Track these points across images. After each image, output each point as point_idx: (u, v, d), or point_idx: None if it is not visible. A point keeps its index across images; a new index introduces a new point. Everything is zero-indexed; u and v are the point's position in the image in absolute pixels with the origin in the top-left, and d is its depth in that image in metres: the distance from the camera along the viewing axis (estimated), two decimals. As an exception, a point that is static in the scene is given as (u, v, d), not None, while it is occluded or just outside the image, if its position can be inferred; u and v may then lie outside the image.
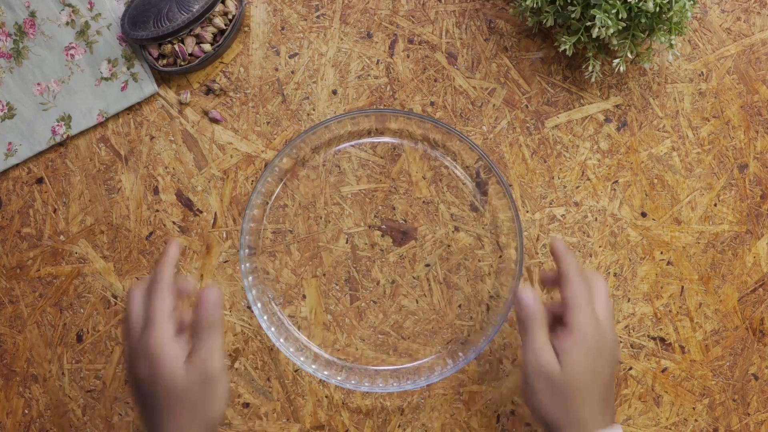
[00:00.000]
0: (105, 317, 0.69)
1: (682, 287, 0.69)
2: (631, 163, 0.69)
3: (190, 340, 0.53)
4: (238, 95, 0.69)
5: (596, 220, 0.69)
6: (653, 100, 0.69)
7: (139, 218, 0.69)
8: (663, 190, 0.69)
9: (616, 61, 0.63)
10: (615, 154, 0.69)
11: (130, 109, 0.69)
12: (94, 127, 0.69)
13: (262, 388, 0.68)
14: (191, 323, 0.53)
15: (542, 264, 0.68)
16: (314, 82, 0.69)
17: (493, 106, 0.69)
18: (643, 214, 0.69)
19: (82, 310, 0.69)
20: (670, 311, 0.69)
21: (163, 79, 0.69)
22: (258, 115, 0.69)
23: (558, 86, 0.69)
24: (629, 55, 0.63)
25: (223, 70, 0.69)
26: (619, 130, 0.69)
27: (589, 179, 0.69)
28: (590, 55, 0.65)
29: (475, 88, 0.69)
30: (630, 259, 0.69)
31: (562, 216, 0.69)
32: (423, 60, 0.69)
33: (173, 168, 0.69)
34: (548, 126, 0.69)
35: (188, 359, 0.51)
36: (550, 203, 0.69)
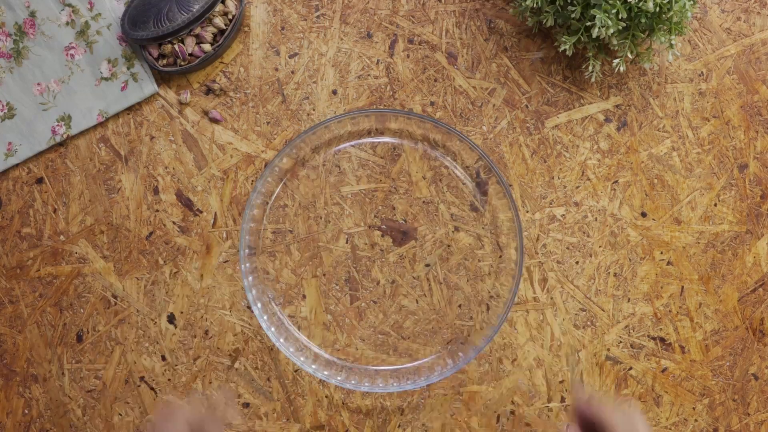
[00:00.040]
0: (105, 317, 0.69)
1: (682, 287, 0.69)
2: (631, 163, 0.69)
3: None
4: (238, 95, 0.69)
5: (596, 220, 0.69)
6: (653, 100, 0.69)
7: (139, 218, 0.69)
8: (663, 190, 0.69)
9: (616, 61, 0.63)
10: (615, 154, 0.69)
11: (130, 109, 0.69)
12: (94, 127, 0.69)
13: (262, 388, 0.68)
14: None
15: (542, 264, 0.68)
16: (314, 82, 0.69)
17: (493, 106, 0.69)
18: (643, 214, 0.69)
19: (82, 310, 0.69)
20: (670, 311, 0.69)
21: (163, 79, 0.69)
22: (258, 115, 0.69)
23: (558, 86, 0.69)
24: (629, 55, 0.63)
25: (223, 70, 0.69)
26: (619, 130, 0.69)
27: (589, 179, 0.69)
28: (590, 55, 0.65)
29: (475, 88, 0.69)
30: (630, 259, 0.69)
31: (562, 216, 0.69)
32: (423, 60, 0.69)
33: (173, 168, 0.69)
34: (548, 126, 0.69)
35: None
36: (550, 203, 0.69)
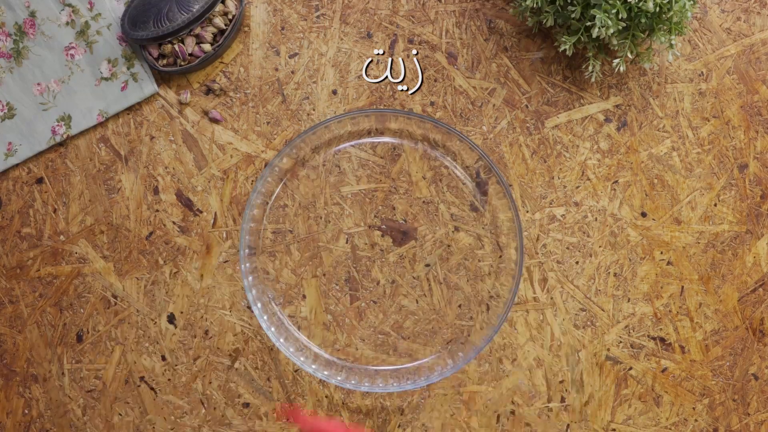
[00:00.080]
0: (105, 317, 0.69)
1: (682, 287, 0.69)
2: (631, 163, 0.69)
3: None
4: (238, 95, 0.69)
5: (596, 220, 0.69)
6: (653, 100, 0.69)
7: (139, 218, 0.69)
8: (663, 190, 0.69)
9: (616, 61, 0.63)
10: (615, 154, 0.69)
11: (130, 109, 0.69)
12: (94, 127, 0.69)
13: (262, 388, 0.68)
14: None
15: (542, 264, 0.68)
16: (314, 82, 0.69)
17: (493, 106, 0.69)
18: (643, 214, 0.69)
19: (82, 310, 0.69)
20: (670, 311, 0.69)
21: (163, 79, 0.69)
22: (258, 115, 0.69)
23: (558, 86, 0.69)
24: (629, 55, 0.63)
25: (223, 70, 0.69)
26: (619, 130, 0.69)
27: (589, 179, 0.69)
28: (590, 55, 0.65)
29: (475, 88, 0.69)
30: (630, 259, 0.69)
31: (562, 216, 0.69)
32: (423, 60, 0.69)
33: (173, 168, 0.69)
34: (548, 126, 0.69)
35: None
36: (550, 203, 0.69)
